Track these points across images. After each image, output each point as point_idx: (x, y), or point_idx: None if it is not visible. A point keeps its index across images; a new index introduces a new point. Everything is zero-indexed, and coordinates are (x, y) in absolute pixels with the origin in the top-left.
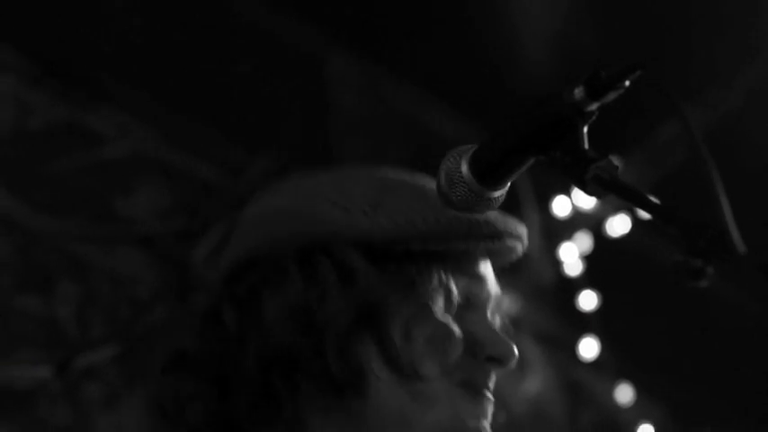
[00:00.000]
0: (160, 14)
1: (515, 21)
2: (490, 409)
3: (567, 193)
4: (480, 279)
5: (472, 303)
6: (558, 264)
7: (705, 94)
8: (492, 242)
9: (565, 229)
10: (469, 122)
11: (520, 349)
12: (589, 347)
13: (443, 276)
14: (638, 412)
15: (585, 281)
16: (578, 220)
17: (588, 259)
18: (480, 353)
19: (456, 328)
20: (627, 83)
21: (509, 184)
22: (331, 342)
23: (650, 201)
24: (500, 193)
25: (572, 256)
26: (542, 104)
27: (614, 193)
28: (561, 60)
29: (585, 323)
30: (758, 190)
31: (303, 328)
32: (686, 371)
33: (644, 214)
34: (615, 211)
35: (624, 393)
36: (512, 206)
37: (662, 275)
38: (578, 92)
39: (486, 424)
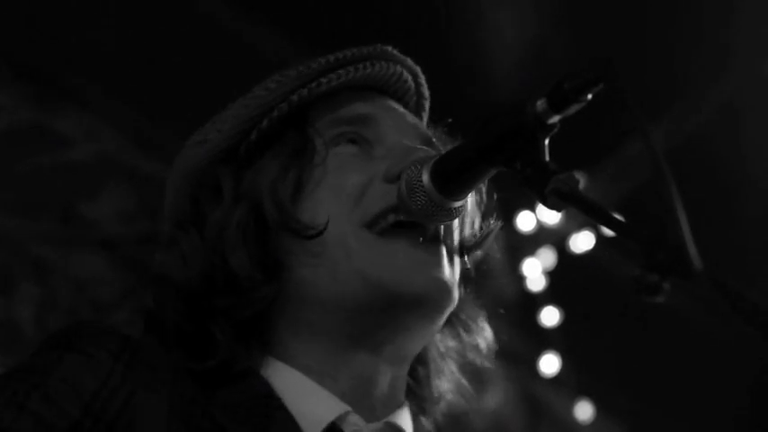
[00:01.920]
0: (130, 19)
1: (486, 31)
2: (426, 245)
3: (532, 208)
4: (365, 118)
5: (370, 140)
6: (520, 279)
7: (675, 108)
8: (347, 72)
9: (528, 244)
10: (439, 136)
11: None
12: (550, 363)
13: (305, 134)
14: (598, 430)
15: (548, 297)
16: (542, 236)
17: (551, 275)
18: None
19: (341, 170)
20: (589, 96)
21: (470, 194)
22: (232, 253)
23: (609, 214)
24: (460, 203)
25: (535, 271)
26: (504, 115)
27: (574, 206)
28: (533, 74)
29: (547, 339)
30: (727, 205)
31: (208, 260)
32: (646, 389)
33: (606, 230)
34: (579, 227)
35: (584, 410)
36: None
37: (625, 293)
38: (540, 104)
39: (414, 259)
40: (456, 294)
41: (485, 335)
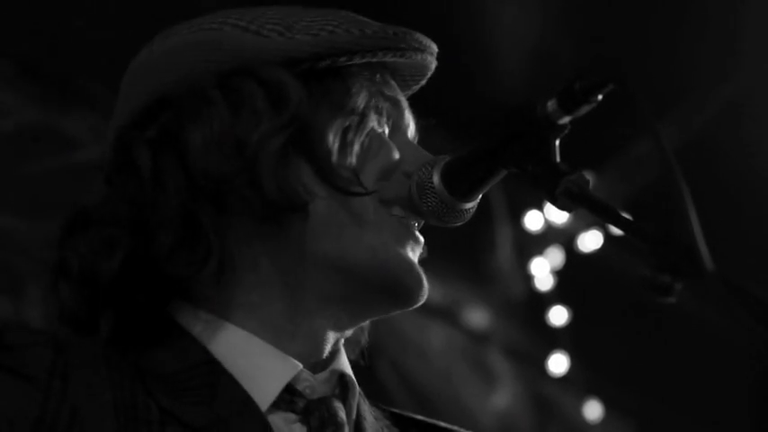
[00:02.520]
0: (137, 19)
1: (493, 31)
2: (417, 247)
3: (540, 207)
4: (398, 104)
5: (395, 128)
6: (529, 278)
7: (682, 106)
8: (416, 54)
9: (537, 243)
10: (445, 134)
11: (489, 363)
12: (558, 363)
13: (372, 93)
14: (607, 429)
15: (556, 296)
16: (550, 235)
17: (559, 274)
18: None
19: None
20: (600, 97)
21: (480, 195)
22: (265, 165)
23: (620, 215)
24: (471, 205)
25: (543, 270)
26: (515, 116)
27: (584, 207)
28: (538, 72)
29: (555, 338)
30: (733, 204)
31: (233, 155)
32: (655, 388)
33: (615, 230)
34: (587, 226)
35: (593, 410)
36: (484, 220)
37: (633, 292)
38: (551, 104)
39: (413, 255)
40: None
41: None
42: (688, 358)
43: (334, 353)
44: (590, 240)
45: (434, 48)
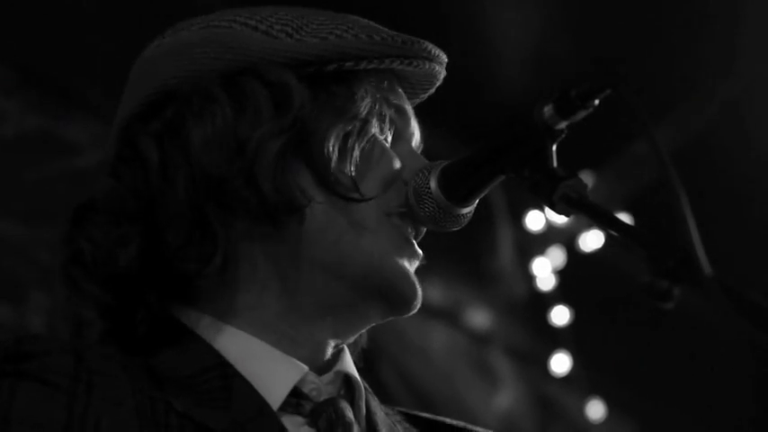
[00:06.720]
0: (136, 23)
1: (492, 36)
2: (414, 258)
3: (541, 207)
4: (404, 112)
5: (399, 136)
6: (530, 278)
7: (682, 106)
8: (425, 62)
9: (538, 243)
10: (447, 138)
11: (491, 364)
12: (561, 363)
13: (377, 99)
14: (609, 429)
15: (558, 296)
16: (552, 235)
17: (561, 274)
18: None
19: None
20: (596, 102)
21: (477, 200)
22: (263, 168)
23: (618, 221)
24: (468, 210)
25: (545, 270)
26: (512, 122)
27: (582, 213)
28: (538, 75)
29: (557, 338)
30: (731, 205)
31: (233, 155)
32: (657, 388)
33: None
34: (589, 226)
35: (595, 409)
36: (485, 220)
37: (634, 291)
38: (548, 110)
39: (409, 265)
40: None
41: None
42: (691, 358)
43: (337, 354)
44: (591, 240)
45: (444, 57)
